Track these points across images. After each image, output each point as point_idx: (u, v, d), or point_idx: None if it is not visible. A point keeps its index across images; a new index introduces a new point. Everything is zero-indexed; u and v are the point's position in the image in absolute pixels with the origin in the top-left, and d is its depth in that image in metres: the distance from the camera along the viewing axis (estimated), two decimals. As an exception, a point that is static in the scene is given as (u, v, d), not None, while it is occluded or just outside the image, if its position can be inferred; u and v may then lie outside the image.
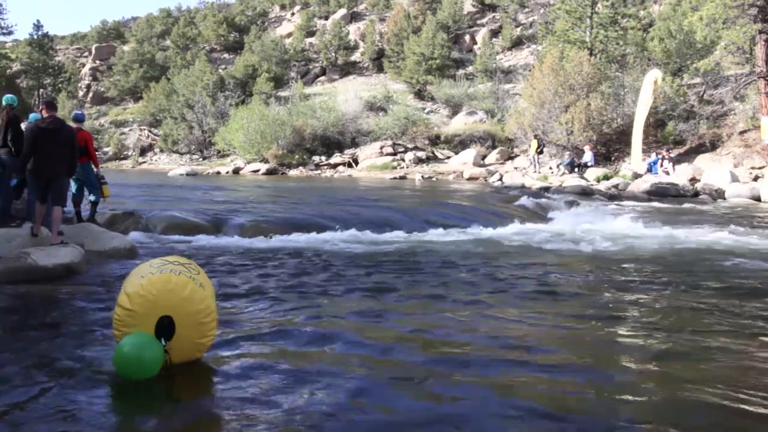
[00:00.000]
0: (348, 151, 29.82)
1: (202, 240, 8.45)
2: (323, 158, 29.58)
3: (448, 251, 7.90)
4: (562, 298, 5.37)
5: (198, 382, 3.53)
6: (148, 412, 3.15)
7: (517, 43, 42.26)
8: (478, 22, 47.58)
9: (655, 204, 14.84)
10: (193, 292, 3.49)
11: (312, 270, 6.50)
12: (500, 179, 21.55)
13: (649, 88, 20.03)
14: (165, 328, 3.43)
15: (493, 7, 47.78)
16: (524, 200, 13.90)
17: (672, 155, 19.93)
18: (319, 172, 28.03)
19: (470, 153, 26.23)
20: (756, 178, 17.65)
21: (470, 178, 22.80)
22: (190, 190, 17.30)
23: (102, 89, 54.17)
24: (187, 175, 28.25)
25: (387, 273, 6.39)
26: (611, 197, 16.30)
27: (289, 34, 54.10)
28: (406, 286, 5.81)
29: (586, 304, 5.22)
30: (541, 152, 22.19)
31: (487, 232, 9.74)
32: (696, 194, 16.79)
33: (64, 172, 6.46)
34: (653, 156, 20.12)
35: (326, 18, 55.35)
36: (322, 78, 47.18)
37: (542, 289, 5.68)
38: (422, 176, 23.56)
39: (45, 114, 6.37)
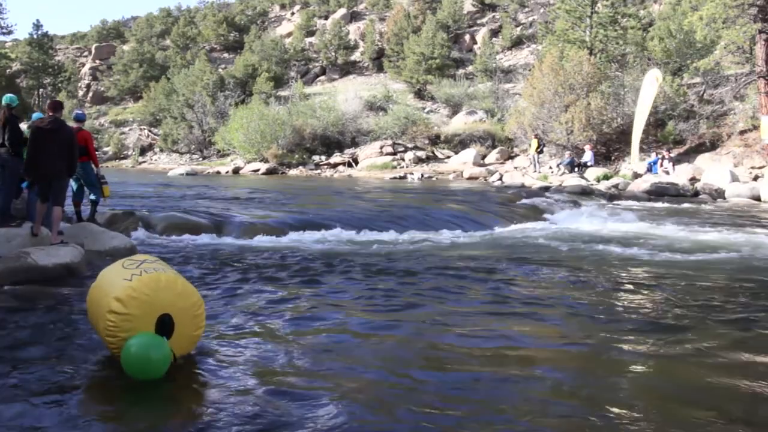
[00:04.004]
0: (348, 151, 29.79)
1: (204, 239, 8.45)
2: (323, 158, 29.55)
3: (446, 251, 7.90)
4: (559, 299, 5.37)
5: (195, 378, 3.51)
6: (147, 412, 3.15)
7: (517, 43, 42.21)
8: (478, 21, 47.53)
9: (655, 204, 14.84)
10: (184, 286, 3.55)
11: (311, 269, 6.49)
12: (500, 179, 21.53)
13: (650, 88, 19.98)
14: (165, 326, 3.43)
15: (493, 7, 47.71)
16: (524, 200, 13.88)
17: (672, 155, 19.90)
18: (318, 171, 28.02)
19: (470, 153, 26.20)
20: (756, 178, 17.63)
21: (470, 178, 22.79)
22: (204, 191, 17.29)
23: (102, 89, 54.13)
24: (187, 174, 28.24)
25: (387, 273, 6.39)
26: (611, 197, 16.29)
27: (289, 34, 54.06)
28: (405, 286, 5.81)
29: (583, 304, 5.21)
30: (541, 152, 22.17)
31: (486, 232, 9.73)
32: (696, 194, 16.78)
33: (65, 172, 6.46)
34: (653, 156, 20.10)
35: (326, 18, 55.29)
36: (322, 78, 47.15)
37: (539, 289, 5.68)
38: (421, 175, 23.52)
39: (50, 114, 6.38)
